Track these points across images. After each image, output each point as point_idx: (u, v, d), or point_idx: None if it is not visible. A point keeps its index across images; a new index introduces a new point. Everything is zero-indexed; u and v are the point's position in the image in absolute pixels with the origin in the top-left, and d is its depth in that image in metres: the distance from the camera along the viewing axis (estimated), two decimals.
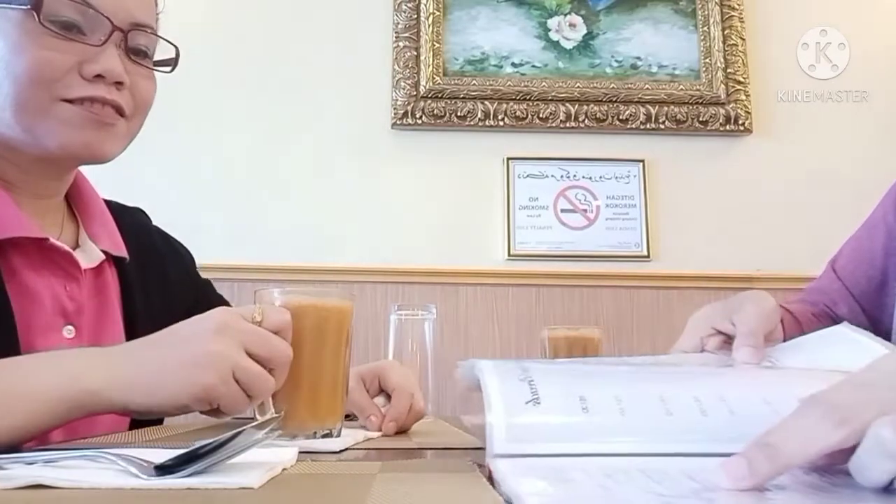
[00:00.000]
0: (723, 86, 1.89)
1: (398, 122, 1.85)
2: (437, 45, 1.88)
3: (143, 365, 0.56)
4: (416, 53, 1.87)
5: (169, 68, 0.80)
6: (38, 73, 0.67)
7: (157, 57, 0.79)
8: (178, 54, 0.80)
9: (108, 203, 0.86)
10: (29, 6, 0.67)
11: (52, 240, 0.71)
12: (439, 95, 1.85)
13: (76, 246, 0.77)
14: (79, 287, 0.73)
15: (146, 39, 0.75)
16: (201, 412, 0.57)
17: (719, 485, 0.33)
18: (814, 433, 0.32)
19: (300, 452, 0.46)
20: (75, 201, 0.81)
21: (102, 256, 0.78)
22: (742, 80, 1.90)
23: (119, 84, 0.71)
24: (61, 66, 0.68)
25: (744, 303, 0.65)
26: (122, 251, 0.81)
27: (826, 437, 0.32)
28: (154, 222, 0.96)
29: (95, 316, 0.75)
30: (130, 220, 0.88)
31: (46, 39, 0.67)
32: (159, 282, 0.86)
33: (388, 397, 0.75)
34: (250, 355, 0.55)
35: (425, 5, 1.89)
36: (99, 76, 0.69)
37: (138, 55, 0.75)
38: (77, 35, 0.69)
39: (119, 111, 0.72)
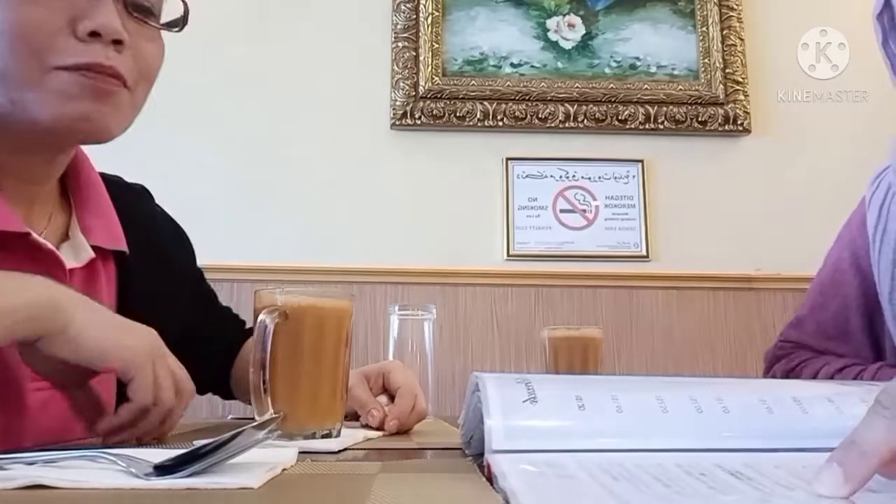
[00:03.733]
0: (722, 86, 1.89)
1: (397, 123, 1.85)
2: (436, 45, 1.88)
3: (97, 312, 0.56)
4: (414, 54, 1.87)
5: (177, 28, 0.69)
6: (25, 36, 0.58)
7: (163, 18, 0.68)
8: (186, 10, 0.69)
9: (109, 182, 0.77)
10: None
11: (35, 236, 0.63)
12: (438, 96, 1.85)
13: (65, 239, 0.69)
14: None
15: None
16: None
17: (818, 493, 0.32)
18: None
19: (300, 452, 0.46)
20: (71, 186, 0.72)
21: (91, 255, 0.69)
22: (741, 80, 1.90)
23: (118, 44, 0.61)
24: (51, 26, 0.59)
25: None
26: (120, 244, 0.72)
27: None
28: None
29: None
30: (133, 204, 0.80)
31: None
32: (164, 275, 0.79)
33: (391, 397, 0.75)
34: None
35: (424, 6, 1.89)
36: (95, 34, 0.60)
37: (141, 11, 0.65)
38: None
39: (119, 77, 0.62)
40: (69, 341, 0.52)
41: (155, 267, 0.77)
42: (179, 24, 0.69)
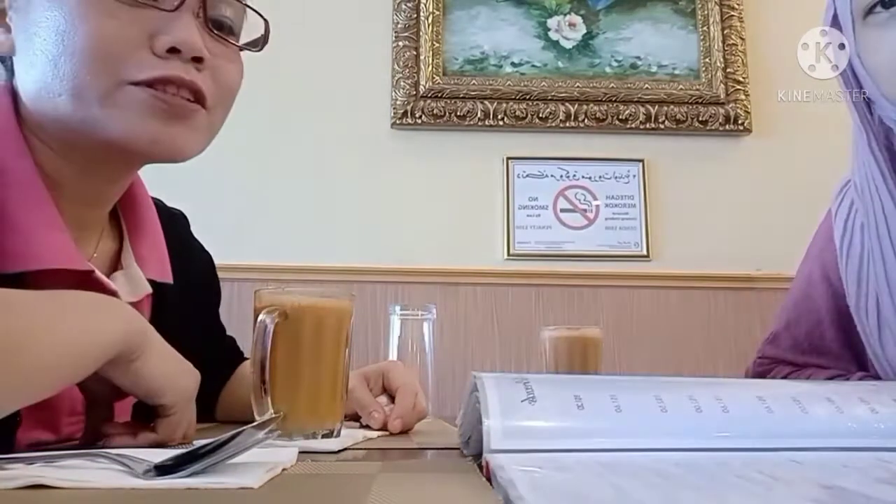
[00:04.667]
0: (722, 85, 1.89)
1: (398, 122, 1.85)
2: (437, 44, 1.88)
3: (161, 347, 0.55)
4: (415, 53, 1.87)
5: (257, 48, 0.67)
6: (103, 48, 0.55)
7: (243, 38, 0.65)
8: (267, 30, 0.67)
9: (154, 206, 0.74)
10: None
11: (98, 273, 0.60)
12: (439, 95, 1.85)
13: (114, 268, 0.66)
14: None
15: (231, 11, 0.63)
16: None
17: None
18: None
19: (300, 452, 0.46)
20: (125, 211, 0.69)
21: (149, 289, 0.66)
22: (742, 79, 1.90)
23: (198, 62, 0.58)
24: (129, 39, 0.56)
25: None
26: (168, 277, 0.70)
27: None
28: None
29: None
30: (173, 232, 0.76)
31: (110, 5, 0.56)
32: (193, 308, 0.77)
33: (391, 398, 0.75)
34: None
35: (425, 5, 1.89)
36: (174, 50, 0.57)
37: (221, 29, 0.62)
38: (146, 0, 0.57)
39: (198, 96, 0.59)
40: (133, 372, 0.51)
41: (186, 299, 0.75)
42: (259, 43, 0.67)
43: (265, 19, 0.66)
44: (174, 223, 0.81)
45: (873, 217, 0.73)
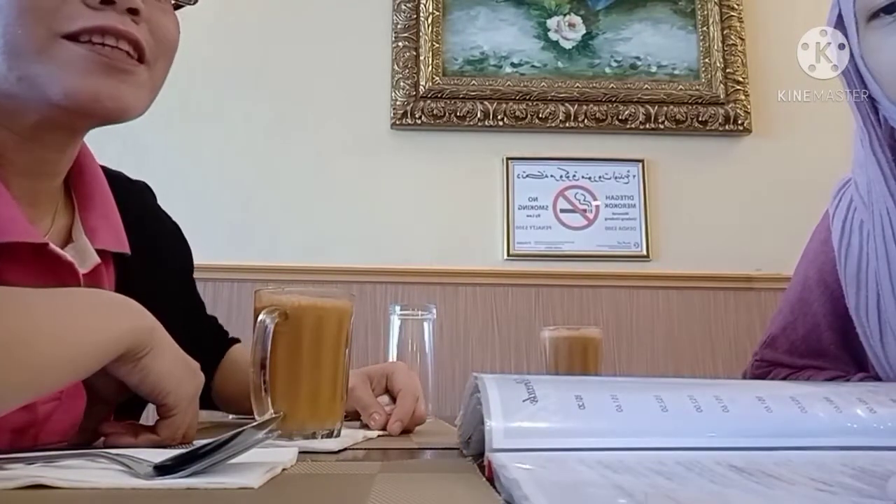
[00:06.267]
0: (722, 86, 1.89)
1: (397, 123, 1.85)
2: (437, 45, 1.88)
3: (166, 346, 0.55)
4: (415, 53, 1.87)
5: (192, 2, 0.65)
6: (30, 1, 0.54)
7: None
8: None
9: (111, 178, 0.73)
10: None
11: (52, 246, 0.59)
12: (438, 95, 1.85)
13: (68, 240, 0.65)
14: None
15: None
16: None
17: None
18: None
19: (300, 452, 0.46)
20: (74, 183, 0.67)
21: (97, 260, 0.64)
22: (741, 80, 1.91)
23: (133, 13, 0.56)
24: None
25: None
26: (123, 247, 0.68)
27: None
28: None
29: None
30: (134, 202, 0.76)
31: None
32: (161, 277, 0.76)
33: (393, 399, 0.75)
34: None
35: (425, 5, 1.89)
36: (107, 1, 0.55)
37: None
38: None
39: (137, 49, 0.57)
40: (140, 370, 0.51)
41: (153, 268, 0.74)
42: None
43: None
44: (136, 194, 0.80)
45: (879, 219, 0.72)
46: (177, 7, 0.65)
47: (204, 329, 0.92)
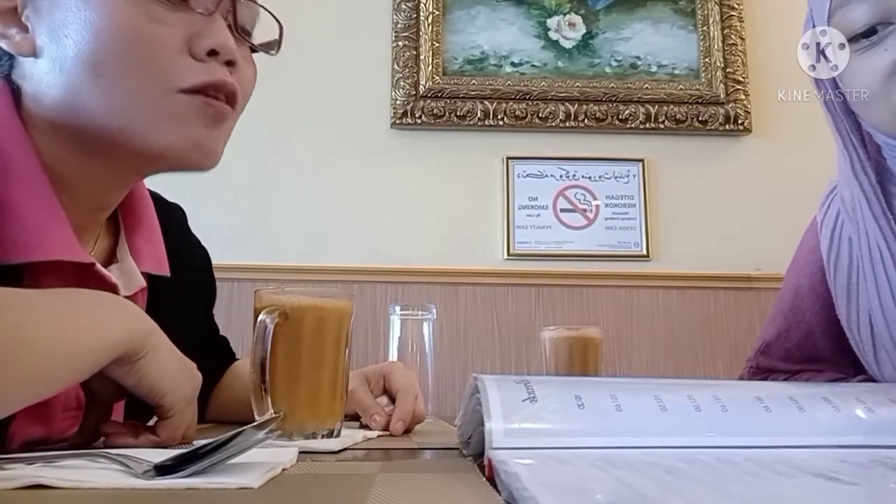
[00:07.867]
0: (722, 85, 1.89)
1: (397, 122, 1.85)
2: (437, 44, 1.88)
3: (164, 348, 0.54)
4: (415, 53, 1.87)
5: (273, 51, 0.66)
6: (149, 54, 0.54)
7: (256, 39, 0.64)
8: (282, 31, 0.66)
9: (151, 197, 0.73)
10: None
11: (98, 267, 0.58)
12: (439, 95, 1.85)
13: (110, 261, 0.65)
14: None
15: (250, 13, 0.62)
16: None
17: None
18: None
19: (300, 452, 0.47)
20: (122, 206, 0.67)
21: (143, 283, 0.65)
22: (741, 79, 1.91)
23: (231, 65, 0.58)
24: (172, 44, 0.54)
25: None
26: (164, 270, 0.69)
27: None
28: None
29: None
30: (170, 225, 0.75)
31: (150, 9, 0.54)
32: (189, 303, 0.76)
33: (392, 399, 0.75)
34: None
35: (425, 5, 1.89)
36: (212, 53, 0.56)
37: (244, 32, 0.62)
38: (180, 3, 0.56)
39: (232, 100, 0.59)
40: (136, 372, 0.51)
41: (183, 294, 0.74)
42: (275, 46, 0.66)
43: (279, 22, 0.65)
44: (172, 217, 0.81)
45: (865, 240, 0.72)
46: (253, 50, 0.65)
47: (213, 349, 0.93)
